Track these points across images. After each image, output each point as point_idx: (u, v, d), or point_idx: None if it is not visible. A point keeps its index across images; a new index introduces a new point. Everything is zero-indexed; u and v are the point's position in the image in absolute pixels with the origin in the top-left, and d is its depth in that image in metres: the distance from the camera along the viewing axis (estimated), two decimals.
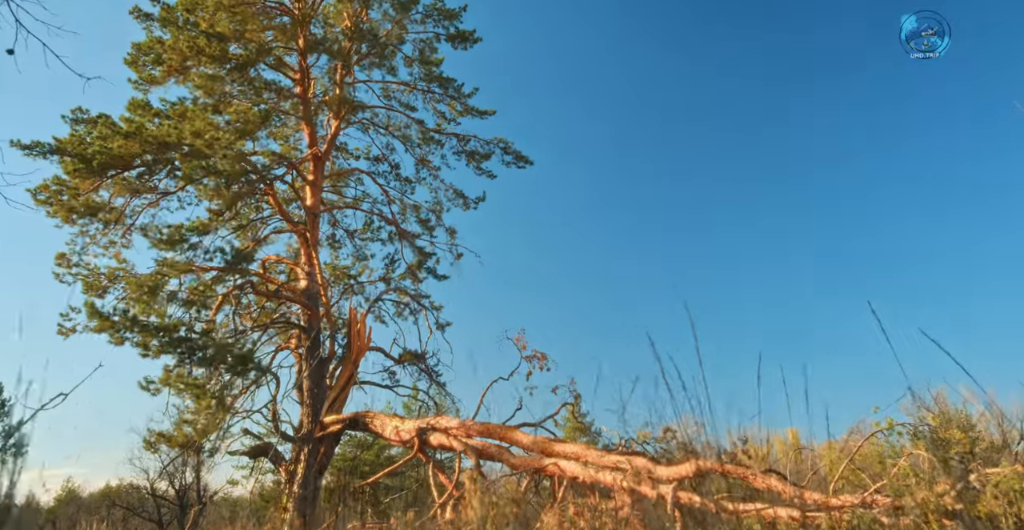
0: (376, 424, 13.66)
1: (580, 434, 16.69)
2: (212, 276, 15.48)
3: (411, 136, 20.77)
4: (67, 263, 14.99)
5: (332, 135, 18.48)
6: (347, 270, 21.44)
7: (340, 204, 21.46)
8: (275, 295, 16.83)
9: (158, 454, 18.96)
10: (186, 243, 14.22)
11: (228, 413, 15.09)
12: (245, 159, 15.06)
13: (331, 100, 18.51)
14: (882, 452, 11.06)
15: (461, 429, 12.03)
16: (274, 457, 15.30)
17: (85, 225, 14.66)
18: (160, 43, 15.23)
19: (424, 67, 19.91)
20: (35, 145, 13.33)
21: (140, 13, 16.10)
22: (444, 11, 19.19)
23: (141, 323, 12.61)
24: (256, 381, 15.66)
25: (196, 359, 12.98)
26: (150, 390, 14.28)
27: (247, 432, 15.99)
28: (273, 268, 18.84)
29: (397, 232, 20.69)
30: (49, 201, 13.77)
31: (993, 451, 8.10)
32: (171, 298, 14.26)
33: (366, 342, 16.05)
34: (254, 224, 18.81)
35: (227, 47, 15.35)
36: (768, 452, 9.97)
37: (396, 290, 20.01)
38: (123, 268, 15.19)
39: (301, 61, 17.70)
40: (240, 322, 16.83)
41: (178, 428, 15.38)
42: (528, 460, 10.66)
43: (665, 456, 9.50)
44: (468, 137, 20.07)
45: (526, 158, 20.10)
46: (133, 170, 14.19)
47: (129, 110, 14.46)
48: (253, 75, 16.74)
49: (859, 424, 11.03)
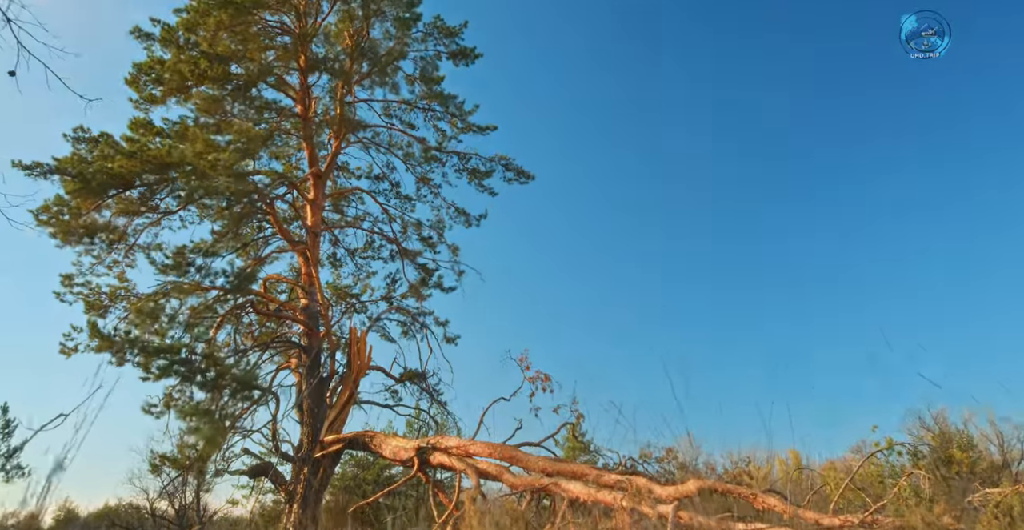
0: (376, 443, 13.63)
1: (580, 453, 16.63)
2: (214, 296, 15.50)
3: (412, 154, 20.84)
4: (70, 282, 15.03)
5: (333, 154, 18.53)
6: (348, 289, 21.43)
7: (341, 223, 21.48)
8: (276, 314, 16.83)
9: (160, 476, 18.88)
10: (191, 266, 14.23)
11: (229, 433, 15.07)
12: (246, 179, 15.09)
13: (332, 119, 18.57)
14: (882, 472, 11.02)
15: (461, 448, 12.00)
16: (274, 477, 15.26)
17: (87, 245, 14.67)
18: (161, 63, 15.32)
19: (425, 85, 19.98)
20: (36, 165, 13.38)
21: (141, 33, 16.19)
22: (445, 29, 19.26)
23: (142, 344, 12.60)
24: (257, 401, 15.64)
25: (197, 381, 12.96)
26: (152, 413, 14.31)
27: (247, 452, 15.98)
28: (274, 287, 18.86)
29: (398, 250, 20.71)
30: (50, 222, 13.78)
31: (993, 470, 8.07)
32: (172, 319, 14.25)
33: (367, 361, 16.02)
34: (255, 243, 18.85)
35: (228, 67, 15.43)
36: (769, 472, 9.94)
37: (397, 309, 19.99)
38: (125, 287, 15.23)
39: (302, 80, 17.77)
40: (241, 341, 16.84)
41: (180, 449, 15.36)
42: (528, 479, 10.63)
43: (665, 476, 9.48)
44: (469, 155, 20.13)
45: (528, 173, 20.15)
46: (134, 190, 14.22)
47: (131, 129, 14.53)
48: (254, 95, 16.81)
49: (859, 444, 11.01)
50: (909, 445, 9.57)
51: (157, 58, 15.63)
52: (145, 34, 16.19)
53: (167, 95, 15.59)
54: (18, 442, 21.45)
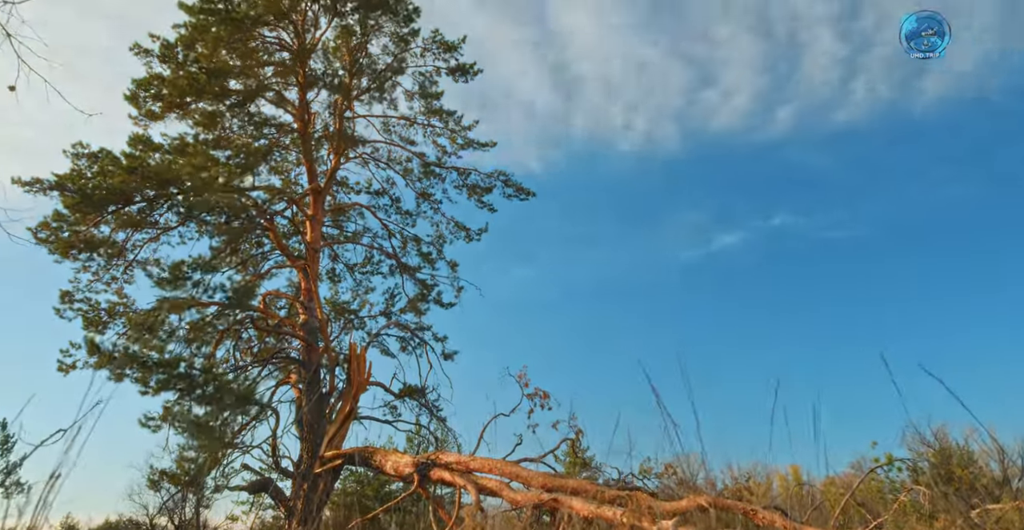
0: (376, 459, 13.58)
1: (581, 469, 16.57)
2: (213, 312, 15.49)
3: (412, 170, 20.86)
4: (70, 299, 15.00)
5: (332, 170, 18.56)
6: (348, 304, 21.39)
7: (340, 238, 21.50)
8: (275, 330, 16.81)
9: (160, 491, 18.85)
10: (189, 281, 14.21)
11: (229, 449, 15.03)
12: (245, 195, 15.11)
13: (331, 135, 18.61)
14: (882, 488, 10.98)
15: (461, 464, 11.96)
16: (274, 492, 15.21)
17: (86, 261, 14.66)
18: (160, 79, 15.35)
19: (424, 100, 20.04)
20: (35, 181, 13.40)
21: (140, 49, 16.23)
22: (443, 44, 19.30)
23: (141, 359, 12.57)
24: (257, 417, 15.60)
25: (196, 396, 12.92)
26: (150, 427, 14.24)
27: (247, 467, 15.93)
28: (273, 303, 18.83)
29: (398, 266, 20.72)
30: (49, 239, 13.75)
31: (995, 486, 8.04)
32: (171, 334, 14.23)
33: (366, 377, 15.98)
34: (254, 259, 18.84)
35: (227, 83, 15.47)
36: (769, 487, 9.91)
37: (397, 324, 19.95)
38: (123, 303, 15.19)
39: (301, 96, 17.81)
40: (240, 357, 16.81)
41: (179, 465, 15.32)
42: (529, 495, 10.57)
43: (666, 492, 9.44)
44: (469, 171, 20.18)
45: (527, 190, 20.17)
46: (134, 205, 14.23)
47: (130, 145, 14.53)
48: (253, 110, 16.85)
49: (859, 460, 10.97)
50: (909, 461, 9.54)
51: (156, 74, 15.67)
52: (144, 50, 16.24)
53: (166, 111, 15.62)
54: (17, 458, 21.41)
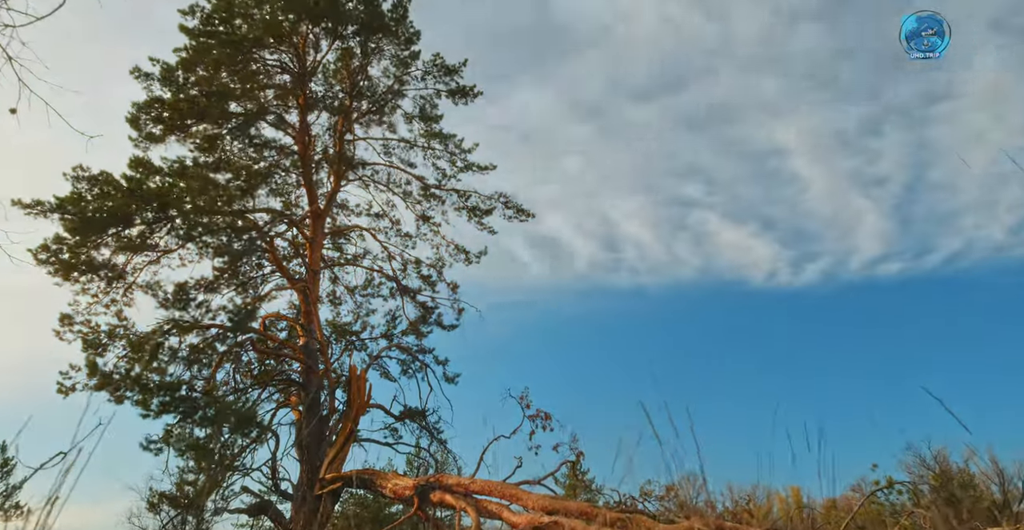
0: (376, 481, 13.53)
1: (581, 491, 16.50)
2: (213, 334, 15.48)
3: (412, 192, 20.88)
4: (69, 322, 14.98)
5: (332, 192, 18.61)
6: (348, 327, 21.34)
7: (340, 261, 21.51)
8: (275, 352, 16.79)
9: (159, 514, 18.78)
10: (192, 302, 14.22)
11: (228, 471, 14.98)
12: (245, 217, 15.14)
13: (331, 157, 18.66)
14: (883, 511, 10.91)
15: (461, 486, 11.91)
16: (274, 515, 15.16)
17: (86, 283, 14.67)
18: (160, 102, 15.43)
19: (424, 123, 20.10)
20: (36, 204, 13.42)
21: (140, 73, 16.31)
22: (444, 67, 19.37)
23: (141, 381, 12.55)
24: (257, 439, 15.56)
25: (197, 418, 12.90)
26: (152, 450, 14.21)
27: (247, 490, 15.87)
28: (273, 325, 18.81)
29: (398, 288, 20.71)
30: (49, 261, 13.77)
31: (995, 509, 8.00)
32: (172, 357, 14.22)
33: (366, 399, 15.94)
34: (254, 281, 18.84)
35: (227, 106, 15.54)
36: (769, 510, 9.85)
37: (397, 346, 19.91)
38: (123, 325, 15.18)
39: (301, 119, 17.88)
40: (240, 379, 16.78)
41: (179, 487, 15.26)
42: (529, 517, 10.53)
43: (666, 514, 9.40)
44: (469, 193, 20.15)
45: (527, 212, 20.12)
46: (134, 228, 14.25)
47: (130, 168, 14.56)
48: (253, 133, 16.92)
49: (859, 482, 10.92)
50: (909, 484, 9.50)
51: (156, 97, 15.75)
52: (144, 74, 16.32)
53: (167, 133, 15.68)
54: (17, 481, 21.35)
